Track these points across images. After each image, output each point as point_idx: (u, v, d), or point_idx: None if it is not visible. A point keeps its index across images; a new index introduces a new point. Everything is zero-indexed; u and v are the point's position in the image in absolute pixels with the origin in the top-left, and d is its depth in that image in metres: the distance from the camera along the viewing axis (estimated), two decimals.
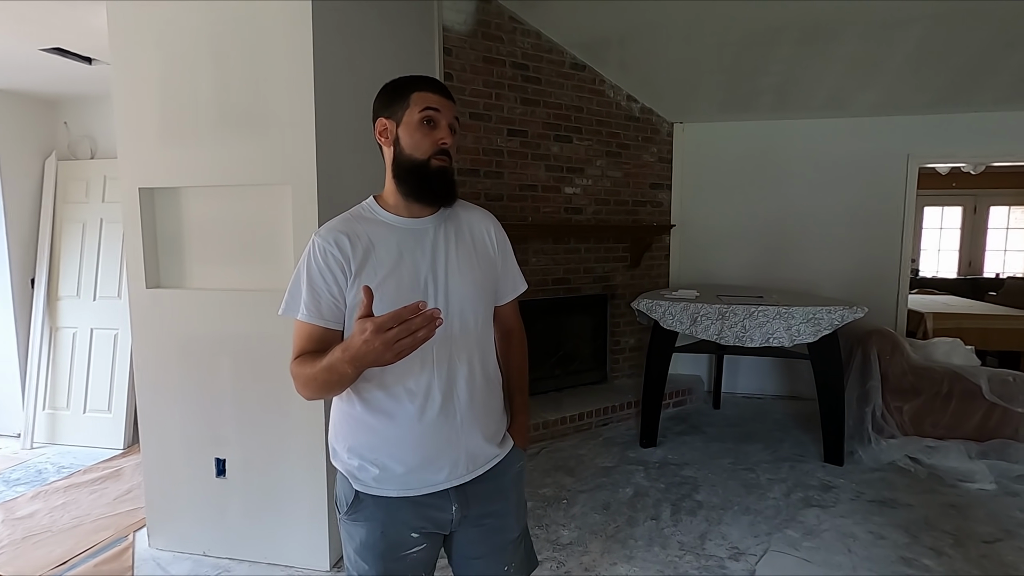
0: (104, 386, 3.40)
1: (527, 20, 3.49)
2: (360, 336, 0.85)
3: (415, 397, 1.04)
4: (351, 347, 0.87)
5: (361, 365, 0.89)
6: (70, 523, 2.53)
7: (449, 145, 1.07)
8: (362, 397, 1.05)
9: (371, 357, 0.86)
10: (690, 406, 4.09)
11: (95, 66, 2.90)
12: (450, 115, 1.08)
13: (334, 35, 2.09)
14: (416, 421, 1.04)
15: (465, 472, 1.09)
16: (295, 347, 1.06)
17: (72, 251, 3.49)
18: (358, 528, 1.08)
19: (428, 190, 1.07)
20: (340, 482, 1.10)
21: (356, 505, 1.07)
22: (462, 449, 1.08)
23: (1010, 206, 7.15)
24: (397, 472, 1.05)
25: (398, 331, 0.83)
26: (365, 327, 0.84)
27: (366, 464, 1.06)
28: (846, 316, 2.93)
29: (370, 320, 0.85)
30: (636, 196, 4.13)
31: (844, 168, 4.09)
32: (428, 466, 1.06)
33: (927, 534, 2.41)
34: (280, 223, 2.09)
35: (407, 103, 1.06)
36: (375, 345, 0.84)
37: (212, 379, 2.18)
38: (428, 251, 1.08)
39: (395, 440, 1.05)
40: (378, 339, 0.83)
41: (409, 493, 1.06)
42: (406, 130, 1.06)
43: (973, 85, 3.60)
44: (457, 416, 1.07)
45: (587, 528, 2.46)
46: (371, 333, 0.84)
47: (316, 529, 2.14)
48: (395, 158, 1.08)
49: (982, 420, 3.08)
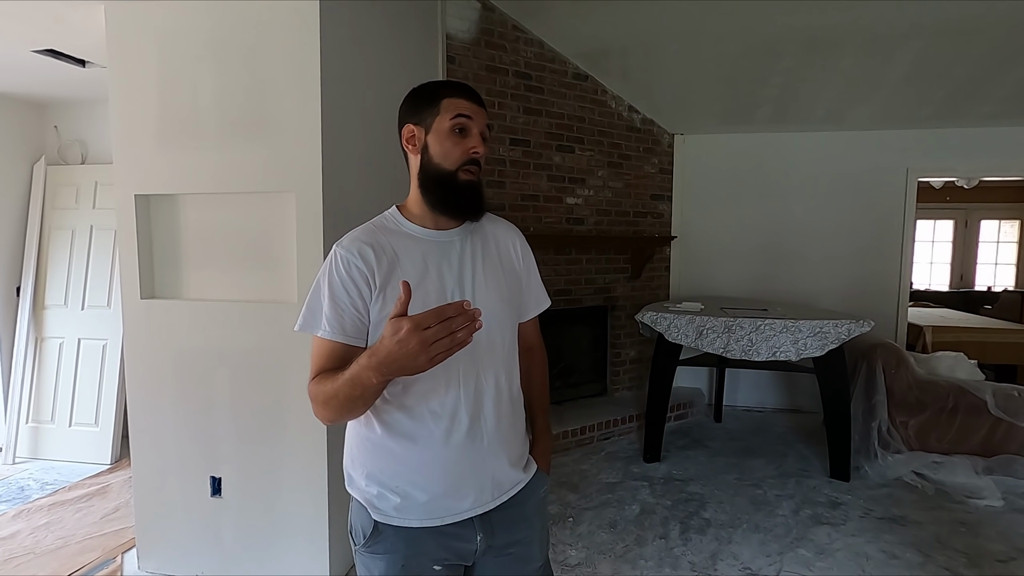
0: (91, 399, 3.28)
1: (530, 29, 3.47)
2: (393, 337, 0.77)
3: (440, 419, 0.98)
4: (379, 351, 0.80)
5: (389, 372, 0.81)
6: (54, 544, 2.41)
7: (481, 155, 1.02)
8: (382, 420, 0.99)
9: (402, 361, 0.78)
10: (691, 419, 4.04)
11: (89, 69, 2.82)
12: (482, 123, 1.02)
13: (341, 38, 2.04)
14: (442, 445, 0.98)
15: (490, 499, 1.03)
16: (314, 366, 0.98)
17: (60, 259, 3.38)
18: (377, 561, 1.01)
19: (455, 203, 1.02)
20: (356, 511, 1.03)
21: (375, 536, 0.99)
22: (488, 474, 1.02)
23: (1000, 220, 7.24)
24: (420, 500, 0.98)
25: (437, 330, 0.76)
26: (400, 325, 0.77)
27: (386, 492, 0.99)
28: (853, 330, 2.91)
29: (407, 318, 0.77)
30: (637, 207, 4.10)
31: (843, 181, 4.10)
32: (453, 493, 0.99)
33: (940, 553, 2.37)
34: (282, 232, 2.01)
35: (437, 109, 1.00)
36: (410, 346, 0.76)
37: (208, 394, 2.09)
38: (455, 265, 1.02)
39: (418, 466, 0.98)
40: (414, 338, 0.76)
41: (432, 523, 0.99)
42: (436, 138, 1.00)
43: (971, 100, 3.63)
44: (484, 439, 1.01)
45: (595, 548, 2.39)
46: (407, 332, 0.76)
47: (316, 551, 2.05)
48: (422, 167, 1.02)
49: (987, 435, 3.06)
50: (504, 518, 1.05)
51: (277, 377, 2.03)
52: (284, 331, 2.00)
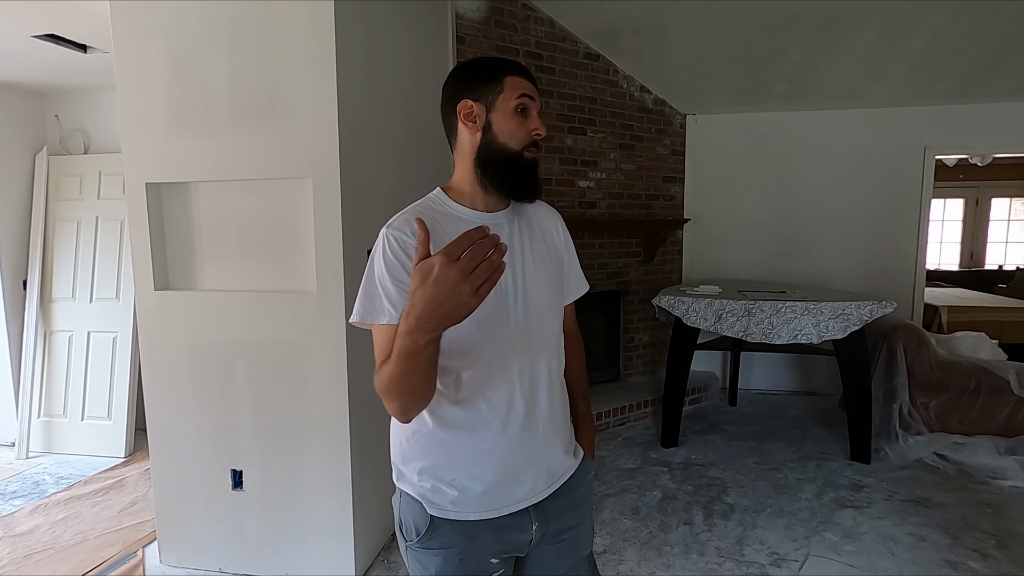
0: (103, 392, 3.25)
1: (540, 8, 3.38)
2: (426, 280, 0.69)
3: (496, 409, 0.94)
4: (415, 305, 0.71)
5: (433, 323, 0.71)
6: (74, 539, 2.39)
7: (543, 136, 0.97)
8: (434, 412, 0.95)
9: (446, 303, 0.69)
10: (706, 403, 4.01)
11: (91, 54, 2.74)
12: (539, 105, 0.98)
13: (354, 19, 1.96)
14: (500, 435, 0.94)
15: (545, 487, 1.01)
16: (380, 359, 0.89)
17: (66, 251, 3.32)
18: (432, 557, 0.97)
19: (518, 183, 0.97)
20: (407, 507, 0.99)
21: (431, 532, 0.96)
22: (544, 463, 1.00)
23: (1011, 198, 7.16)
24: (477, 492, 0.95)
25: (472, 255, 0.67)
26: (431, 264, 0.68)
27: (442, 486, 0.95)
28: (875, 311, 2.86)
29: (435, 255, 0.69)
30: (649, 190, 4.03)
31: (860, 160, 4.02)
32: (510, 483, 0.96)
33: (968, 535, 2.34)
34: (300, 219, 1.96)
35: (500, 87, 0.95)
36: (448, 281, 0.67)
37: (227, 386, 2.05)
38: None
39: (476, 457, 0.95)
40: (452, 270, 0.67)
41: (490, 515, 0.96)
42: (500, 116, 0.95)
43: (989, 75, 3.55)
44: (540, 427, 0.98)
45: (619, 535, 2.37)
46: (441, 267, 0.68)
47: (341, 545, 2.03)
48: (484, 145, 0.97)
49: (1010, 415, 3.03)
50: (556, 506, 1.03)
51: (297, 368, 1.99)
52: (304, 321, 1.96)
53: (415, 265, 0.71)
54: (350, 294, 1.95)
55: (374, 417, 2.17)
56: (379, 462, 2.22)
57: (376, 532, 2.22)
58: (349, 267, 1.94)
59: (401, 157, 2.39)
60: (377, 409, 2.18)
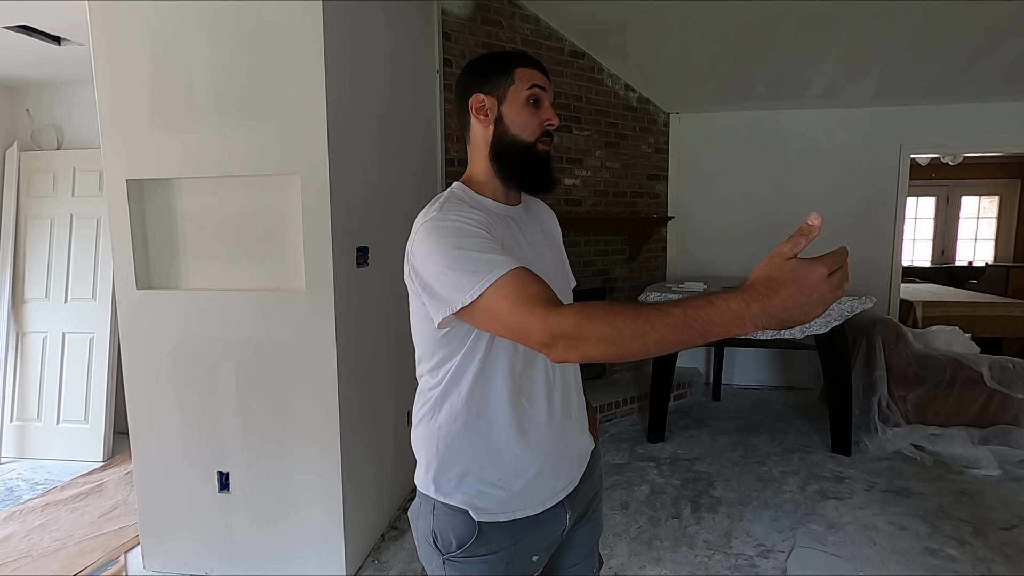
0: (79, 394, 3.16)
1: (526, 5, 3.37)
2: (798, 281, 0.63)
3: (536, 402, 0.95)
4: (768, 296, 0.65)
5: (772, 322, 0.66)
6: (52, 546, 2.32)
7: (556, 126, 0.97)
8: (472, 413, 0.92)
9: (797, 311, 0.65)
10: (691, 399, 4.06)
11: (65, 47, 2.65)
12: (551, 95, 0.98)
13: (342, 13, 1.94)
14: (546, 427, 0.96)
15: (577, 474, 1.03)
16: (532, 299, 0.75)
17: (39, 250, 3.22)
18: (477, 564, 0.93)
19: (533, 174, 0.97)
20: (444, 519, 0.93)
21: (480, 539, 0.92)
22: (576, 449, 1.03)
23: (980, 196, 7.39)
24: (523, 488, 0.94)
25: (842, 275, 0.65)
26: (811, 270, 0.63)
27: (487, 489, 0.93)
28: (855, 307, 2.92)
29: (816, 261, 0.64)
30: (634, 187, 4.06)
31: (839, 158, 4.11)
32: (552, 474, 0.97)
33: (946, 523, 2.41)
34: (288, 216, 1.93)
35: (511, 79, 0.95)
36: (815, 293, 0.64)
37: (213, 387, 2.01)
38: (530, 241, 0.99)
39: (524, 454, 0.94)
40: (825, 286, 0.64)
41: (536, 510, 0.95)
42: (512, 108, 0.95)
43: (963, 76, 3.65)
44: (572, 414, 1.02)
45: (609, 530, 2.38)
46: (820, 277, 0.63)
47: (331, 547, 2.00)
48: (497, 138, 0.96)
49: (983, 407, 3.13)
50: (581, 491, 1.05)
51: (286, 368, 1.96)
52: (292, 320, 1.93)
53: (788, 257, 0.65)
54: (339, 292, 1.93)
55: (364, 416, 2.15)
56: (369, 460, 2.20)
57: (367, 532, 2.20)
58: (338, 264, 1.92)
59: (389, 152, 2.37)
60: (366, 407, 2.16)
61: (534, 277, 0.79)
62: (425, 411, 0.96)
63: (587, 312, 0.73)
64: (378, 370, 2.25)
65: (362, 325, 2.12)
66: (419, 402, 0.99)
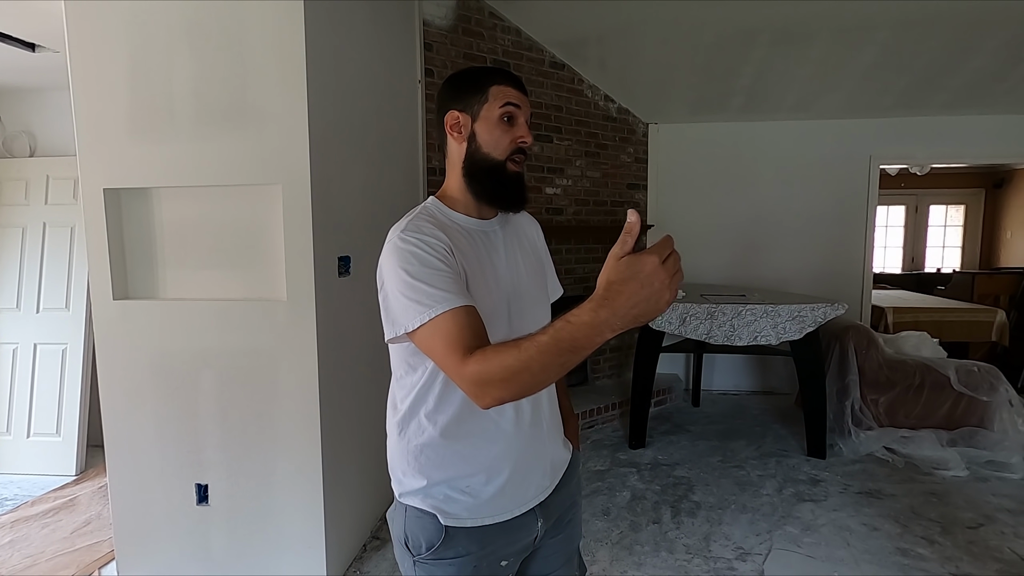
0: (51, 407, 3.09)
1: (507, 17, 3.42)
2: (635, 277, 0.65)
3: (504, 411, 0.95)
4: (613, 299, 0.66)
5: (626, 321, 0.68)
6: (22, 563, 2.26)
7: (528, 144, 0.99)
8: (438, 422, 0.94)
9: (645, 305, 0.66)
10: (670, 405, 4.11)
11: (40, 54, 2.62)
12: (527, 112, 0.99)
13: (323, 23, 1.95)
14: (513, 437, 0.96)
15: (550, 484, 1.04)
16: (455, 346, 0.79)
17: (10, 259, 3.15)
18: (445, 567, 0.96)
19: (503, 193, 0.98)
20: (415, 522, 0.96)
21: (447, 543, 0.94)
22: (548, 459, 1.04)
23: (947, 205, 7.63)
24: (489, 496, 0.96)
25: (675, 258, 0.67)
26: (643, 263, 0.65)
27: (454, 495, 0.95)
28: (828, 313, 3.00)
29: (645, 253, 0.66)
30: (614, 196, 4.12)
31: (811, 168, 4.22)
32: (521, 483, 0.98)
33: (916, 523, 2.48)
34: (269, 226, 1.92)
35: (485, 96, 0.96)
36: (655, 284, 0.65)
37: (192, 398, 1.99)
38: (503, 254, 1.00)
39: (490, 462, 0.95)
40: (661, 273, 0.66)
41: (504, 517, 0.97)
42: (484, 126, 0.96)
43: (929, 89, 3.79)
44: (544, 424, 1.03)
45: (591, 536, 2.40)
46: (654, 267, 0.65)
47: (312, 556, 1.99)
48: (469, 155, 0.98)
49: (951, 409, 3.23)
50: (556, 500, 1.06)
51: (266, 378, 1.95)
52: (273, 330, 1.92)
53: (619, 257, 0.67)
54: (321, 301, 1.93)
55: (345, 426, 2.15)
56: (350, 470, 2.20)
57: (348, 541, 2.19)
58: (320, 274, 1.92)
59: (371, 162, 2.38)
60: (348, 418, 2.16)
61: (470, 321, 0.81)
62: (397, 420, 0.98)
63: (484, 357, 0.76)
64: (359, 380, 2.25)
65: (344, 335, 2.11)
66: (391, 410, 1.00)
